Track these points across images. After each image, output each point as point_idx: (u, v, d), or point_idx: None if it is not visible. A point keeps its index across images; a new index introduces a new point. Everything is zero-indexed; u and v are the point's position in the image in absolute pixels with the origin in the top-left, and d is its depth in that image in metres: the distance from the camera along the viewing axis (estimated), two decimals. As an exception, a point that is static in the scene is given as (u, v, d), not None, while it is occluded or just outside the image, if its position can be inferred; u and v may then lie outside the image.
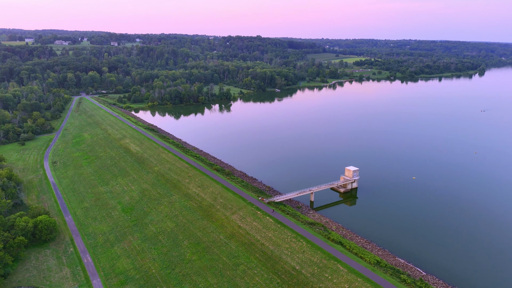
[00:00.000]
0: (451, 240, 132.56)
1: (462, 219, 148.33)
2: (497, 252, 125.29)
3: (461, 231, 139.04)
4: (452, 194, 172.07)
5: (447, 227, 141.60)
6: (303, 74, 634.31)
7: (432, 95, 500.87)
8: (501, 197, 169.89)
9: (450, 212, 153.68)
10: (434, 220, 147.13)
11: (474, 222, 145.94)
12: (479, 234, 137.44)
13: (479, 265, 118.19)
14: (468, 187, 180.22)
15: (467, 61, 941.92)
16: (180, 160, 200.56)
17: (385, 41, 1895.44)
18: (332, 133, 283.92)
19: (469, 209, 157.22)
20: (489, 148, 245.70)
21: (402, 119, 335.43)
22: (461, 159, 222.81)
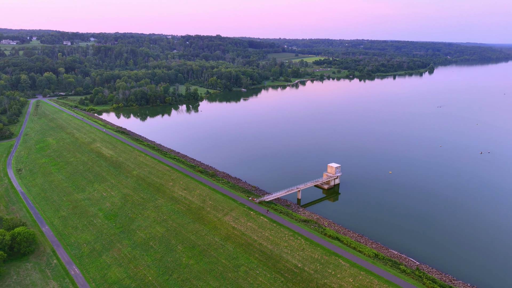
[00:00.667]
0: (435, 228, 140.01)
1: (439, 208, 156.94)
2: (478, 237, 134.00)
3: (441, 219, 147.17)
4: (425, 186, 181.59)
5: (427, 217, 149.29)
6: (267, 73, 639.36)
7: (391, 93, 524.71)
8: (468, 186, 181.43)
9: (427, 203, 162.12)
10: (414, 211, 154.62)
11: (450, 211, 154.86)
12: (457, 221, 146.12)
13: (465, 251, 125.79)
14: (438, 179, 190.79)
15: (417, 60, 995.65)
16: (160, 163, 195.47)
17: (339, 41, 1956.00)
18: (308, 131, 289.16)
19: (443, 198, 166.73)
20: (451, 141, 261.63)
21: (368, 116, 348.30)
22: (428, 153, 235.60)
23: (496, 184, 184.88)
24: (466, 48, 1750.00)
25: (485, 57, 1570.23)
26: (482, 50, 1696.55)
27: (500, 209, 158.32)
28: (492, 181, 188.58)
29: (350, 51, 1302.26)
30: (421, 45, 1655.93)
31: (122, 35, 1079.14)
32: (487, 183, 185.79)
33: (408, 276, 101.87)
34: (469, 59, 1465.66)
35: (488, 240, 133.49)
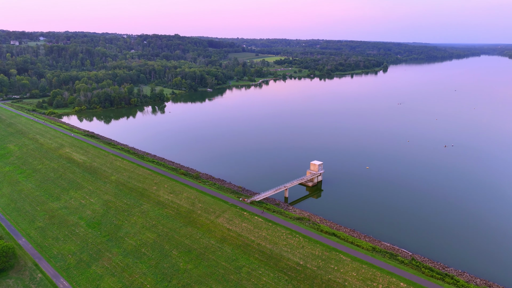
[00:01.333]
0: (417, 219, 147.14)
1: (416, 200, 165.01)
2: (456, 224, 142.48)
3: (420, 210, 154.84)
4: (401, 179, 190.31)
5: (408, 209, 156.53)
6: (231, 73, 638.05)
7: (353, 91, 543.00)
8: (440, 177, 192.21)
9: (405, 195, 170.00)
10: (395, 203, 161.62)
11: (427, 201, 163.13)
12: (435, 210, 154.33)
13: (449, 238, 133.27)
14: (411, 172, 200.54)
15: (372, 59, 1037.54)
16: (139, 166, 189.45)
17: (296, 40, 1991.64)
18: (282, 128, 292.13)
19: (419, 190, 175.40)
20: (417, 136, 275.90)
21: (338, 114, 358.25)
22: (398, 148, 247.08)
23: (464, 174, 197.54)
24: (414, 47, 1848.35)
25: (432, 56, 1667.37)
26: (428, 50, 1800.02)
27: (471, 196, 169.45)
28: (461, 172, 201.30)
29: (308, 50, 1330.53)
30: (373, 45, 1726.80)
31: (74, 34, 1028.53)
32: (456, 174, 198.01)
33: (407, 266, 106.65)
34: (417, 58, 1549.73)
35: (466, 225, 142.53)
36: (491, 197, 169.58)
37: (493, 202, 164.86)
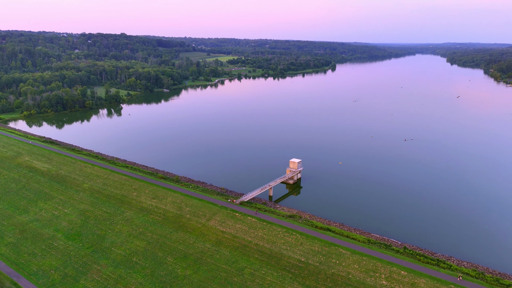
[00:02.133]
0: (394, 209, 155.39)
1: (390, 191, 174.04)
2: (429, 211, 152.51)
3: (395, 200, 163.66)
4: (371, 172, 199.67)
5: (383, 200, 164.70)
6: (186, 73, 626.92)
7: (309, 90, 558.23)
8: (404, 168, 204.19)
9: (379, 187, 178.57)
10: (370, 195, 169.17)
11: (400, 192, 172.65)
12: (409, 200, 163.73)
13: (430, 226, 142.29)
14: (380, 165, 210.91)
15: (320, 59, 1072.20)
16: (113, 172, 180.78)
17: (245, 40, 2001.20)
18: (253, 127, 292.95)
19: (391, 182, 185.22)
20: (378, 131, 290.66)
21: (299, 111, 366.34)
22: (363, 143, 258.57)
23: (428, 165, 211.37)
24: (357, 47, 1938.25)
25: (374, 55, 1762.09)
26: (370, 49, 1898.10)
27: (438, 185, 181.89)
28: (424, 163, 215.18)
29: (258, 50, 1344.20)
30: (319, 45, 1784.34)
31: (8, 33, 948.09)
32: (420, 165, 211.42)
33: (403, 255, 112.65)
34: (361, 57, 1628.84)
35: (439, 212, 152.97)
36: (455, 184, 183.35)
37: (456, 188, 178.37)
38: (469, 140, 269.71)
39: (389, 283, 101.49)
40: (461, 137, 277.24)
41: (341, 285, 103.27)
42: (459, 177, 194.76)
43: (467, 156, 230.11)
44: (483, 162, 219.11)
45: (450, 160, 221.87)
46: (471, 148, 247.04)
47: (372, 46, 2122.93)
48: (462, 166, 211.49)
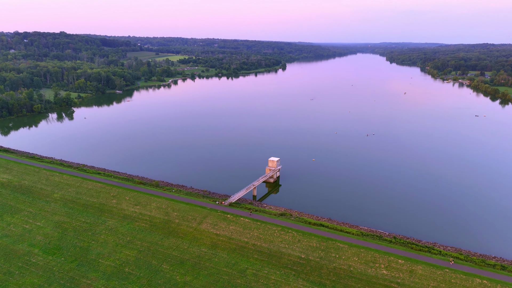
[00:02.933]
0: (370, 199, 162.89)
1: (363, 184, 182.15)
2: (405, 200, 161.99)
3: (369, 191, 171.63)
4: (342, 166, 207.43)
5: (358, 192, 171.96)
6: (137, 73, 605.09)
7: (263, 90, 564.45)
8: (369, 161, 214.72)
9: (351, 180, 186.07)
10: (347, 188, 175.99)
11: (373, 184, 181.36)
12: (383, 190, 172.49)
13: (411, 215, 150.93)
14: (349, 159, 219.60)
15: (271, 58, 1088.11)
16: (85, 180, 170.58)
17: (192, 39, 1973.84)
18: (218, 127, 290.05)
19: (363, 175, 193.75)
20: (341, 128, 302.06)
21: (260, 111, 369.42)
22: (329, 139, 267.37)
23: (389, 158, 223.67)
24: (303, 47, 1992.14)
25: (319, 54, 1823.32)
26: (315, 49, 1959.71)
27: (406, 175, 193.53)
28: (389, 155, 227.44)
29: (208, 49, 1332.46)
30: (267, 44, 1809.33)
31: None
32: (387, 157, 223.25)
33: (396, 244, 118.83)
34: (307, 56, 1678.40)
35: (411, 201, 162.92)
36: (420, 174, 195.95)
37: (421, 178, 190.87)
38: (423, 132, 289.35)
39: (389, 272, 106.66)
40: (416, 130, 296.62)
41: (344, 278, 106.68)
42: (422, 167, 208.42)
43: (425, 148, 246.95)
44: (441, 153, 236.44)
45: (411, 153, 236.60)
46: (427, 141, 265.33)
47: (317, 46, 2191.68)
48: (423, 158, 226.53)
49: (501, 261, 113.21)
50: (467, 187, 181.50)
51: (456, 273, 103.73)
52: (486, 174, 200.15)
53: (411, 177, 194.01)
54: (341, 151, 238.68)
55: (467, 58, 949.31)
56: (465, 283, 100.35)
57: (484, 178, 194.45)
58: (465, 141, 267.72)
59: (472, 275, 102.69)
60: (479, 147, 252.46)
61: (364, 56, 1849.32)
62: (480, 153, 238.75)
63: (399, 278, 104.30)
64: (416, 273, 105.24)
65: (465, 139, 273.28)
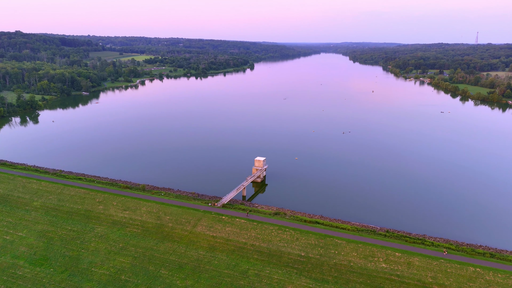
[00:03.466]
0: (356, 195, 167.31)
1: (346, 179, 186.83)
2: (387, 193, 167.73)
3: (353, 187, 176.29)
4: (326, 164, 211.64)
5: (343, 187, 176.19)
6: (103, 74, 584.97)
7: (232, 90, 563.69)
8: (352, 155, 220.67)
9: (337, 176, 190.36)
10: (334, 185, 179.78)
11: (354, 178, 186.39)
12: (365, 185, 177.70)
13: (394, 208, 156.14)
14: (330, 156, 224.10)
15: (239, 58, 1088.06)
16: (66, 186, 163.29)
17: (156, 39, 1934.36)
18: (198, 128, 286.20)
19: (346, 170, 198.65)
20: (317, 126, 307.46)
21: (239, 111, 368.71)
22: (308, 137, 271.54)
23: (369, 154, 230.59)
24: (268, 46, 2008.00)
25: (285, 54, 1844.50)
26: (281, 48, 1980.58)
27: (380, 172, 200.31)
28: (366, 152, 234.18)
29: (173, 49, 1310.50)
30: (233, 44, 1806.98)
31: None
32: (363, 154, 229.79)
33: (390, 238, 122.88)
34: (273, 56, 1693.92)
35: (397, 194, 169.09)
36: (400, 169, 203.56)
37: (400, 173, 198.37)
38: (396, 129, 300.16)
39: (388, 265, 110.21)
40: (389, 128, 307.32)
41: (346, 274, 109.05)
42: (400, 163, 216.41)
43: (401, 145, 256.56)
44: (415, 148, 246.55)
45: (388, 149, 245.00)
46: (401, 138, 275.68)
47: (282, 46, 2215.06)
48: (400, 154, 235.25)
49: (487, 249, 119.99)
50: (446, 181, 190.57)
51: (450, 263, 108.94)
52: (462, 167, 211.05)
53: (390, 173, 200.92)
54: (321, 149, 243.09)
55: (426, 57, 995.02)
56: (460, 272, 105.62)
57: (460, 172, 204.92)
58: (436, 136, 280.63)
59: (465, 264, 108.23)
60: (449, 142, 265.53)
61: (328, 56, 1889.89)
62: (452, 148, 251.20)
63: (398, 271, 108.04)
64: (413, 265, 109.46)
65: (436, 134, 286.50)
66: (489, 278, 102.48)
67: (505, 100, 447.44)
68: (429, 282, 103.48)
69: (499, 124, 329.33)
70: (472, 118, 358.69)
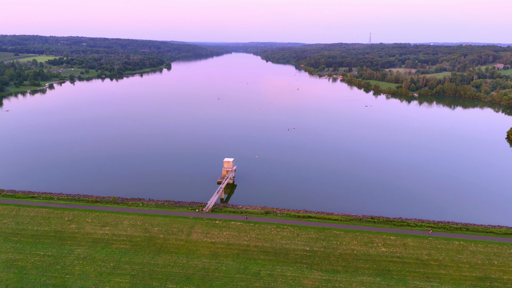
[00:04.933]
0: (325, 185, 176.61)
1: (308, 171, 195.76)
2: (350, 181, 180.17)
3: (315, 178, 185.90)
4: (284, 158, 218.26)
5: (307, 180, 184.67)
6: (4, 78, 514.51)
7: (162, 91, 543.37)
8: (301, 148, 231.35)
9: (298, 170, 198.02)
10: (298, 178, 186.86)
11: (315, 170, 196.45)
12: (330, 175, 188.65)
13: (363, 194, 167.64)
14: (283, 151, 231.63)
15: (155, 57, 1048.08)
16: (21, 207, 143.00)
17: (53, 37, 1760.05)
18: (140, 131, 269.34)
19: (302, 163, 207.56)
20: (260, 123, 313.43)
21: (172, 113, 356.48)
22: (257, 135, 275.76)
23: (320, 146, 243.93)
24: (180, 46, 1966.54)
25: (198, 53, 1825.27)
26: (193, 48, 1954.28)
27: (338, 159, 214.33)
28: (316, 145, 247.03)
29: (77, 49, 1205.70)
30: (143, 43, 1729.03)
31: None
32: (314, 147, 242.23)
33: (380, 224, 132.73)
34: (187, 56, 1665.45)
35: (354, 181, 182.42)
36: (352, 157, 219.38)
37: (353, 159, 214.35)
38: (335, 121, 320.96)
39: (387, 249, 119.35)
40: (327, 120, 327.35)
41: (352, 262, 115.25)
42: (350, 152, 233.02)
43: (343, 134, 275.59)
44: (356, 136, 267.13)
45: (334, 141, 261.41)
46: (342, 128, 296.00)
47: (193, 45, 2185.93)
48: (348, 144, 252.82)
49: (461, 224, 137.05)
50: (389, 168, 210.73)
51: (438, 240, 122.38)
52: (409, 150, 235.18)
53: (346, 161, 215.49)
54: (275, 146, 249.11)
55: (333, 56, 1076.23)
56: (448, 246, 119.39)
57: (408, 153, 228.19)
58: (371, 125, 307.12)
59: (450, 239, 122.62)
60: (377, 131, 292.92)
61: (240, 55, 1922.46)
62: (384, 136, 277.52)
63: (397, 253, 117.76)
64: (408, 245, 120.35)
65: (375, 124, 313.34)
66: (472, 249, 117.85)
67: (411, 93, 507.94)
68: (426, 259, 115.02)
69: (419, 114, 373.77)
70: (390, 109, 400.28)
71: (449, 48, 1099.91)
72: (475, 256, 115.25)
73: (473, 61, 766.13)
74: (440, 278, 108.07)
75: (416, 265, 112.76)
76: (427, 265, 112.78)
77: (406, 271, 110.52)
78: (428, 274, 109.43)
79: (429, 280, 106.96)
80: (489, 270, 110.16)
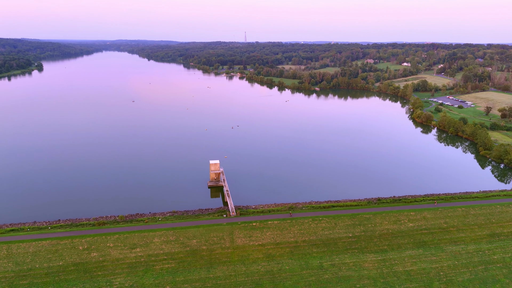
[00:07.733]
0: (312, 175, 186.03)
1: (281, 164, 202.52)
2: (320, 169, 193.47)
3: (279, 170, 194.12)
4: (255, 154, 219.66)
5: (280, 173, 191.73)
6: None
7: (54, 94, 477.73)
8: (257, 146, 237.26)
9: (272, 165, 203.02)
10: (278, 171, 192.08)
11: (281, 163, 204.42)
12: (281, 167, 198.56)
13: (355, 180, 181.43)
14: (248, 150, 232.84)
15: (21, 58, 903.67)
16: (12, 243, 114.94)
17: None
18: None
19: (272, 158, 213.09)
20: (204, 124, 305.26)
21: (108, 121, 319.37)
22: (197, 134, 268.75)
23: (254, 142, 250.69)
24: (42, 44, 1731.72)
25: (66, 52, 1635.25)
26: (58, 46, 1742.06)
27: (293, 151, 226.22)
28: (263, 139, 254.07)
29: None
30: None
31: None
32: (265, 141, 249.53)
33: (392, 203, 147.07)
34: (53, 55, 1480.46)
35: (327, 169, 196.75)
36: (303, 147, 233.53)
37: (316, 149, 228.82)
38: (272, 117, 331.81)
39: (413, 223, 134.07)
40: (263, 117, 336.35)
41: (393, 240, 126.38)
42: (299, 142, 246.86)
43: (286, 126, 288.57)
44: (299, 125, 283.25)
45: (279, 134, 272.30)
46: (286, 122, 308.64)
47: (57, 43, 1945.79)
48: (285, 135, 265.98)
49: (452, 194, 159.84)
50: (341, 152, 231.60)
51: (446, 209, 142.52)
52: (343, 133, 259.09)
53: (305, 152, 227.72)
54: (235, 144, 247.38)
55: (221, 54, 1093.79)
56: (456, 213, 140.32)
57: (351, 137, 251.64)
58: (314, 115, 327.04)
59: (454, 207, 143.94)
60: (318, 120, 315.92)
61: (116, 54, 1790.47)
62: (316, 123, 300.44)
63: (422, 226, 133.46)
64: (428, 218, 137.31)
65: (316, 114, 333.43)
66: (473, 212, 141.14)
67: (313, 88, 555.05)
68: (445, 227, 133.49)
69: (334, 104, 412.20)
70: (306, 103, 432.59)
71: (321, 46, 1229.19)
72: (478, 218, 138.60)
73: (348, 57, 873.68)
74: (463, 240, 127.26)
75: (442, 233, 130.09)
76: (449, 232, 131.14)
77: (437, 240, 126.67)
78: (453, 239, 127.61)
79: (457, 244, 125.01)
80: (492, 228, 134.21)
